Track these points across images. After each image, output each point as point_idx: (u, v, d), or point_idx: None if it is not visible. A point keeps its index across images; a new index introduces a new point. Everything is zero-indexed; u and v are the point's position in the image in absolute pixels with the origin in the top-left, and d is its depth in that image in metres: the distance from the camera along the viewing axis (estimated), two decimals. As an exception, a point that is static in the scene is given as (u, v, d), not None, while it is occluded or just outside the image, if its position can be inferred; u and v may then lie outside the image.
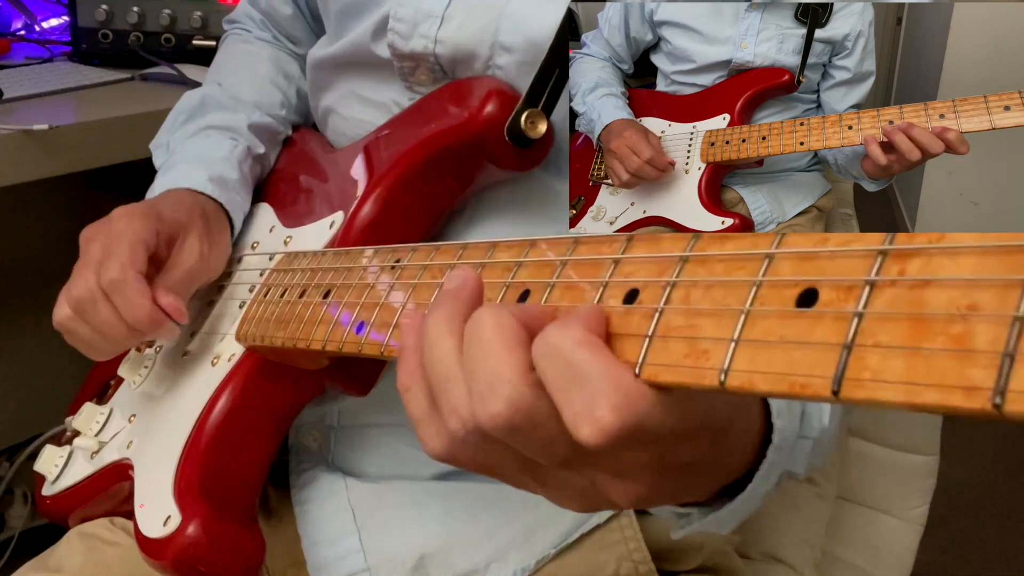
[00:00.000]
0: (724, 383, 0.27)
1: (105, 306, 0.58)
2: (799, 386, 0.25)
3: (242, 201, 0.70)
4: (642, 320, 0.30)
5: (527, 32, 0.56)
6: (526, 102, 0.56)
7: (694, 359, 0.28)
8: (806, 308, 0.26)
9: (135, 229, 0.59)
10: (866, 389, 0.24)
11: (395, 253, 0.45)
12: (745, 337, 0.27)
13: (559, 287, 0.34)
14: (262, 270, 0.63)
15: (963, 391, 0.22)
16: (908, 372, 0.23)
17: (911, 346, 0.23)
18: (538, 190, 0.61)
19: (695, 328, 0.28)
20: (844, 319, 0.25)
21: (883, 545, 0.87)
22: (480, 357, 0.31)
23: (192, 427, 0.59)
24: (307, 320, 0.49)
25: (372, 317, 0.43)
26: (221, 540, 0.55)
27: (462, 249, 0.41)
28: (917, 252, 0.24)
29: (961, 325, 0.22)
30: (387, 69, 0.63)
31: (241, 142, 0.72)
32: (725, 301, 0.28)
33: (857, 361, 0.24)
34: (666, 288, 0.30)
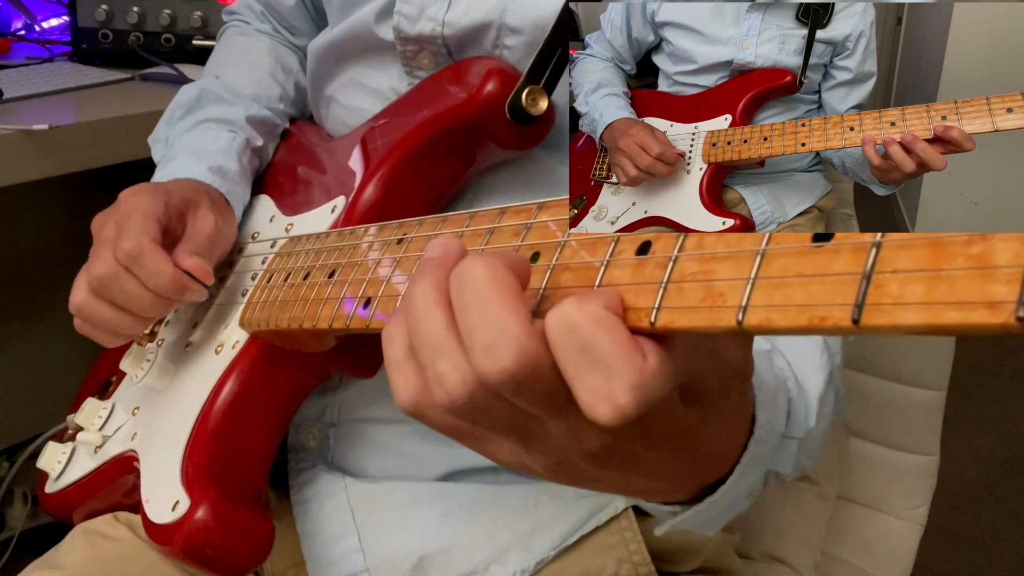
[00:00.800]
0: (742, 322, 0.26)
1: (128, 279, 0.58)
2: (818, 319, 0.24)
3: (242, 192, 0.70)
4: (656, 269, 0.29)
5: (534, 13, 0.57)
6: (527, 79, 0.56)
7: (711, 300, 0.27)
8: (823, 243, 0.25)
9: (143, 204, 0.60)
10: (887, 314, 0.23)
11: (401, 228, 0.45)
12: (762, 275, 0.26)
13: (569, 246, 0.33)
14: (264, 257, 0.63)
15: (986, 307, 0.21)
16: (929, 293, 0.22)
17: (931, 268, 0.22)
18: (540, 172, 0.61)
19: (710, 272, 0.28)
20: (862, 250, 0.24)
21: (883, 545, 0.87)
22: (479, 309, 0.30)
23: (198, 414, 0.58)
24: (312, 300, 0.49)
25: (379, 292, 0.43)
26: (230, 523, 0.54)
27: (470, 218, 0.40)
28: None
29: (981, 245, 0.22)
30: (388, 54, 0.63)
31: (240, 134, 0.72)
32: (740, 244, 0.28)
33: (877, 288, 0.23)
34: (679, 237, 0.29)
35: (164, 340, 0.69)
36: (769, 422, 0.43)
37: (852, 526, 0.88)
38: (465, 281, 0.30)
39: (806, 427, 0.50)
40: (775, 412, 0.46)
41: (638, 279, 0.30)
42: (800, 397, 0.50)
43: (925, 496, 0.87)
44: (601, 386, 0.28)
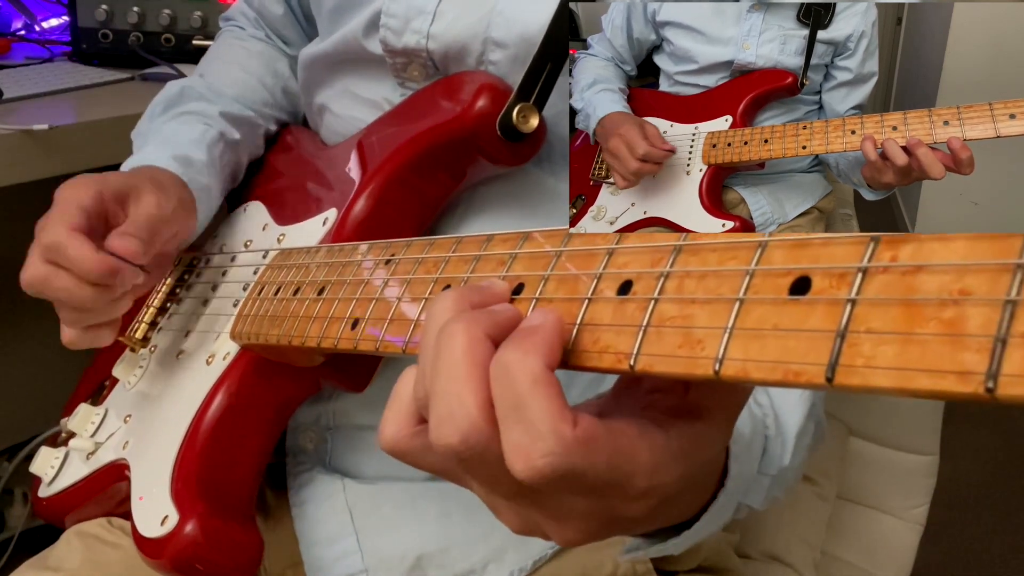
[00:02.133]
0: (719, 372, 0.27)
1: (58, 274, 0.56)
2: (793, 374, 0.25)
3: (208, 183, 0.68)
4: (636, 311, 0.30)
5: (519, 28, 0.56)
6: (518, 96, 0.56)
7: (688, 348, 0.28)
8: (799, 296, 0.26)
9: (68, 195, 0.57)
10: (859, 376, 0.24)
11: (389, 248, 0.45)
12: (739, 326, 0.27)
13: (553, 280, 0.34)
14: (256, 267, 0.63)
15: (956, 376, 0.22)
16: (901, 358, 0.23)
17: (904, 332, 0.23)
18: (531, 186, 0.61)
19: (689, 318, 0.28)
20: (837, 306, 0.25)
21: (883, 545, 0.87)
22: (446, 377, 0.30)
23: (188, 426, 0.59)
24: (302, 317, 0.49)
25: (367, 313, 0.43)
26: (219, 538, 0.55)
27: (457, 243, 0.40)
28: (909, 238, 0.24)
29: (953, 310, 0.22)
30: (380, 65, 0.63)
31: (214, 126, 0.71)
32: (718, 290, 0.28)
33: (851, 348, 0.24)
34: (660, 279, 0.30)
35: (157, 346, 0.69)
36: (741, 472, 0.43)
37: (852, 526, 0.88)
38: (443, 344, 0.31)
39: (780, 465, 0.50)
40: (749, 460, 0.46)
41: (619, 320, 0.30)
42: (777, 436, 0.50)
43: (925, 496, 0.87)
44: (523, 444, 0.29)
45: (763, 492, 0.50)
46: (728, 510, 0.43)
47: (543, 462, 0.28)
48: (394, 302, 0.41)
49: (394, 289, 0.42)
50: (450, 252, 0.40)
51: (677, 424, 0.32)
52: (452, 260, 0.40)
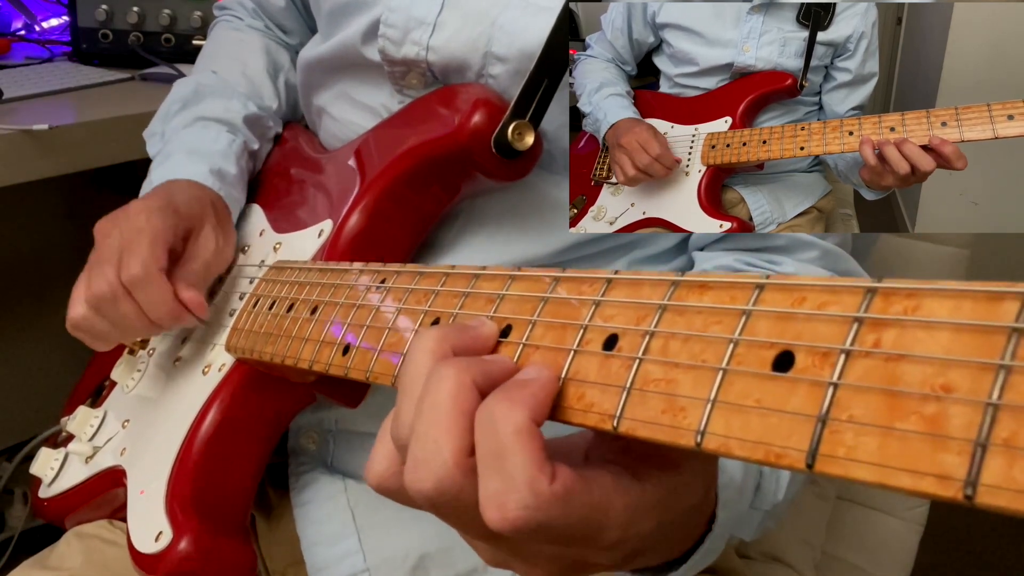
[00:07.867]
0: (700, 444, 0.27)
1: (127, 302, 0.58)
2: (774, 456, 0.25)
3: (238, 196, 0.70)
4: (621, 369, 0.30)
5: (520, 43, 0.56)
6: (513, 113, 0.55)
7: (671, 416, 0.28)
8: (782, 372, 0.26)
9: (154, 226, 0.60)
10: (840, 466, 0.23)
11: (380, 274, 0.45)
12: (722, 398, 0.27)
13: (540, 325, 0.34)
14: (252, 278, 0.63)
15: (935, 478, 0.21)
16: (881, 452, 0.23)
17: (885, 424, 0.23)
18: (530, 196, 0.60)
19: (673, 383, 0.28)
20: (819, 387, 0.24)
21: (883, 545, 0.87)
22: (428, 421, 0.31)
23: (183, 440, 0.59)
24: (295, 337, 0.49)
25: (359, 341, 0.43)
26: (212, 555, 0.55)
27: (446, 276, 0.40)
28: (892, 323, 0.24)
29: (935, 406, 0.22)
30: (378, 72, 0.63)
31: (239, 137, 0.72)
32: (702, 356, 0.28)
33: (832, 435, 0.24)
34: (645, 337, 0.30)
35: (155, 349, 0.69)
36: (730, 518, 0.43)
37: (852, 526, 0.88)
38: (431, 386, 0.31)
39: (774, 501, 0.50)
40: (740, 503, 0.46)
41: (603, 377, 0.30)
42: (772, 473, 0.50)
43: (925, 496, 0.87)
44: (499, 493, 0.29)
45: (755, 525, 0.50)
46: (716, 550, 0.42)
47: (515, 515, 0.28)
48: (384, 332, 0.41)
49: (385, 318, 0.42)
50: (439, 285, 0.40)
51: (654, 474, 0.32)
52: (441, 294, 0.40)
